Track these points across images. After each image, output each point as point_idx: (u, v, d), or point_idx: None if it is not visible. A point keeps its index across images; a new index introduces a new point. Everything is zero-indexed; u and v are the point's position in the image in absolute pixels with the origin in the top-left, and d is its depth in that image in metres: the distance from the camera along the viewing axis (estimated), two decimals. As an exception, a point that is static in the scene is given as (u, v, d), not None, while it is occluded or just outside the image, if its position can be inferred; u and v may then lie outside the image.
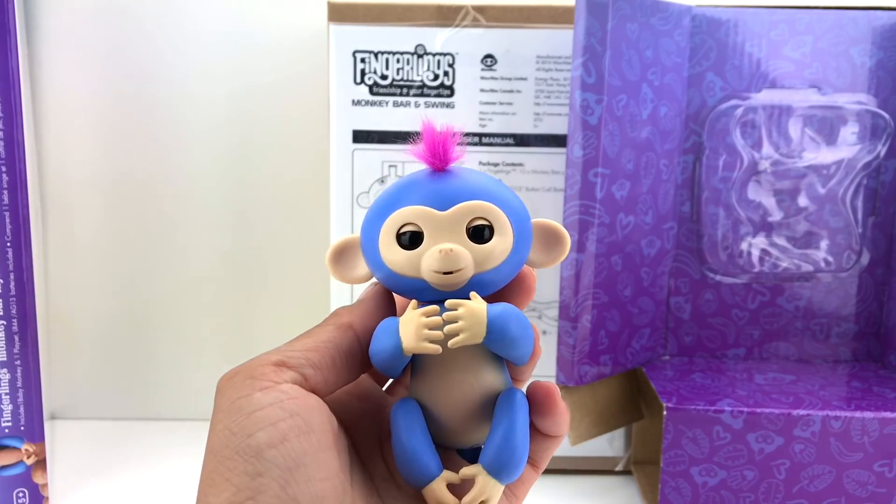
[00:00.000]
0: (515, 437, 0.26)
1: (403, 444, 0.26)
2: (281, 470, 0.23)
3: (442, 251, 0.25)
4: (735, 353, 0.57)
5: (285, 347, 0.26)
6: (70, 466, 0.59)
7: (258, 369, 0.25)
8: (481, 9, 0.53)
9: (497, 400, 0.26)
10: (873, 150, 0.54)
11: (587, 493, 0.57)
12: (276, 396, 0.24)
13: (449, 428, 0.27)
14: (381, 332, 0.26)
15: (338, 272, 0.28)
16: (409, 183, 0.27)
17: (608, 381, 0.54)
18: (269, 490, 0.23)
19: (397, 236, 0.26)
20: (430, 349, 0.25)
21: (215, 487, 0.23)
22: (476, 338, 0.25)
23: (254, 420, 0.24)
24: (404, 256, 0.26)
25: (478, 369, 0.26)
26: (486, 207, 0.26)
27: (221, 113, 0.63)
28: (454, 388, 0.26)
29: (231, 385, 0.25)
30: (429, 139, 0.27)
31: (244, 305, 0.66)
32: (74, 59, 0.62)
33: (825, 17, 0.53)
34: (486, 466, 0.26)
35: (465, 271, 0.25)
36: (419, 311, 0.25)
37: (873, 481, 0.48)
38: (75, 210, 0.64)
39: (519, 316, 0.26)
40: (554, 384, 0.27)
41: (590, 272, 0.50)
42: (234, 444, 0.23)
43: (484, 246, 0.25)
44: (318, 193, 0.60)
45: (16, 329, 0.49)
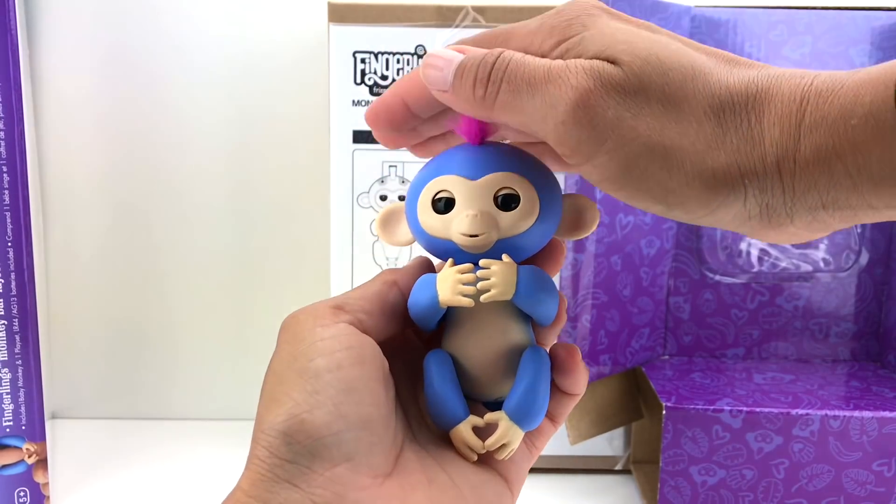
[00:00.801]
0: (538, 389, 0.28)
1: (435, 390, 0.28)
2: (335, 391, 0.26)
3: (468, 215, 0.27)
4: (734, 353, 0.57)
5: (341, 296, 0.29)
6: (71, 466, 0.59)
7: (320, 310, 0.28)
8: (481, 9, 0.53)
9: (522, 356, 0.29)
10: (872, 151, 0.54)
11: (587, 492, 0.57)
12: (334, 332, 0.27)
13: (476, 379, 0.29)
14: (420, 286, 0.29)
15: (385, 235, 0.31)
16: (449, 155, 0.29)
17: (608, 381, 0.54)
18: (324, 406, 0.26)
19: (433, 202, 0.28)
20: (464, 302, 0.27)
21: (276, 402, 0.26)
22: (506, 294, 0.27)
23: (315, 348, 0.27)
24: (438, 220, 0.28)
25: (505, 326, 0.29)
26: (513, 178, 0.28)
27: (222, 112, 0.63)
28: (483, 342, 0.29)
29: (296, 321, 0.28)
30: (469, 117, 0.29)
31: (244, 305, 0.66)
32: (75, 59, 0.62)
33: (824, 17, 0.53)
34: (509, 413, 0.28)
35: (490, 235, 0.27)
36: (455, 269, 0.28)
37: (872, 480, 0.48)
38: (76, 210, 0.64)
39: (545, 277, 0.28)
40: (575, 346, 0.30)
41: (589, 272, 0.50)
42: (296, 366, 0.26)
43: (510, 213, 0.28)
44: (319, 193, 0.60)
45: (17, 329, 0.49)
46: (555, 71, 0.25)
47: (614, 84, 0.25)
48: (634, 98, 0.25)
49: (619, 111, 0.24)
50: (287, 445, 0.25)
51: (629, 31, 0.26)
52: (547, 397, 0.29)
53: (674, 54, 0.25)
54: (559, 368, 0.29)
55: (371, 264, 0.56)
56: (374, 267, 0.56)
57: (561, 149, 0.26)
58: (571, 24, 0.26)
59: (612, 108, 0.24)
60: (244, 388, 0.67)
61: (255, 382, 0.73)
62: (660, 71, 0.25)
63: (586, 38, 0.26)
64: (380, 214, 0.31)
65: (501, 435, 0.28)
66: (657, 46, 0.25)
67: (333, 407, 0.26)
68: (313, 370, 0.26)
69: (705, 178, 0.24)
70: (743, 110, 0.24)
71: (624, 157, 0.25)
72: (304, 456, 0.25)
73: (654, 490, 0.54)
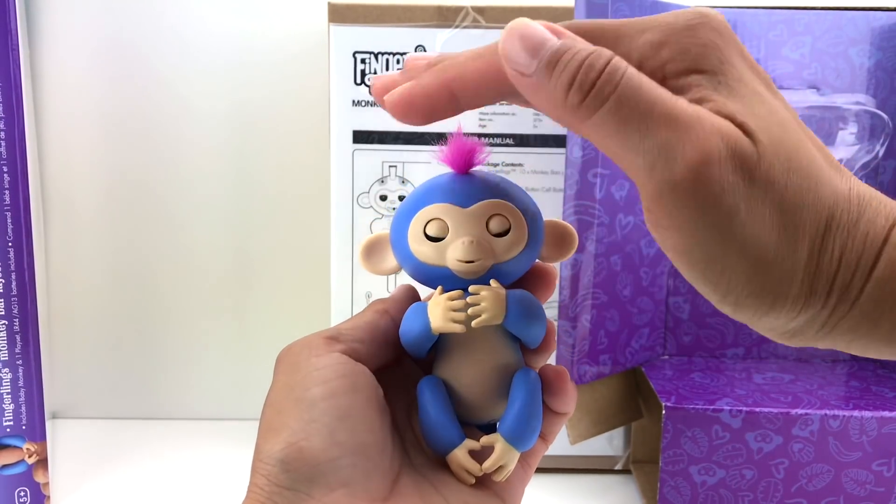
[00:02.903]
0: (531, 410, 0.29)
1: (429, 416, 0.29)
2: (330, 418, 0.26)
3: (464, 242, 0.28)
4: (734, 353, 0.57)
5: (335, 328, 0.29)
6: (71, 465, 0.59)
7: (314, 341, 0.28)
8: (481, 10, 0.53)
9: (513, 378, 0.29)
10: (872, 151, 0.54)
11: (587, 492, 0.57)
12: (328, 361, 0.27)
13: (469, 403, 0.30)
14: (411, 314, 0.29)
15: (368, 265, 0.31)
16: (436, 184, 0.30)
17: (607, 381, 0.54)
18: (320, 434, 0.26)
19: (425, 230, 0.29)
20: (456, 328, 0.28)
21: (273, 431, 0.26)
22: (496, 319, 0.28)
23: (310, 378, 0.27)
24: (431, 248, 0.29)
25: (495, 350, 0.29)
26: (503, 205, 0.29)
27: (222, 112, 0.63)
28: (475, 366, 0.29)
29: (291, 353, 0.28)
30: (455, 146, 0.29)
31: (245, 305, 0.66)
32: (75, 59, 0.62)
33: (824, 17, 0.53)
34: (505, 435, 0.29)
35: (485, 261, 0.28)
36: (445, 295, 0.28)
37: (872, 480, 0.48)
38: (76, 209, 0.64)
39: (534, 301, 0.29)
40: (563, 368, 0.30)
41: (589, 272, 0.50)
42: (292, 396, 0.27)
43: (502, 239, 0.28)
44: (319, 193, 0.60)
45: (17, 328, 0.49)
46: (683, 117, 0.21)
47: (745, 166, 0.21)
48: (755, 189, 0.21)
49: (737, 200, 0.21)
50: (285, 473, 0.26)
51: (763, 96, 0.23)
52: (540, 418, 0.29)
53: (800, 147, 0.23)
54: (549, 389, 0.30)
55: (371, 264, 0.56)
56: (374, 267, 0.56)
57: (653, 206, 0.22)
58: (707, 53, 0.23)
59: (731, 194, 0.21)
60: (244, 387, 0.67)
61: (255, 382, 0.74)
62: (786, 167, 0.22)
63: (723, 86, 0.23)
64: (362, 244, 0.31)
65: (498, 457, 0.29)
66: (788, 132, 0.23)
67: (329, 434, 0.26)
68: (309, 399, 0.26)
69: (774, 299, 0.23)
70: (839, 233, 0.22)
71: (715, 248, 0.22)
72: (302, 483, 0.25)
73: (654, 490, 0.54)
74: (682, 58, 0.23)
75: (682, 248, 0.23)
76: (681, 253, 0.23)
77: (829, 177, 0.23)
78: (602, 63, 0.22)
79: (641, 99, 0.22)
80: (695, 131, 0.21)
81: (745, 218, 0.21)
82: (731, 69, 0.23)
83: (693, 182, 0.21)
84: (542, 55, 0.23)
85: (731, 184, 0.21)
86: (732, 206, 0.21)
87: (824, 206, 0.22)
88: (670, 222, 0.22)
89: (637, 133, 0.22)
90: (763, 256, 0.22)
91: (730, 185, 0.21)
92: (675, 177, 0.21)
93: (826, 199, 0.22)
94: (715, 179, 0.21)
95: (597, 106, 0.22)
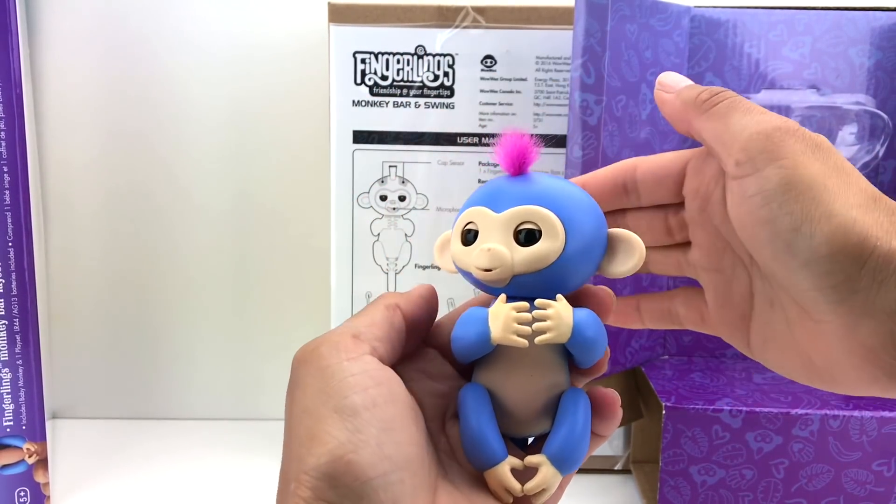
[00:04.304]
0: (581, 433, 0.28)
1: (472, 427, 0.27)
2: (377, 430, 0.25)
3: (483, 249, 0.27)
4: (734, 353, 0.57)
5: (352, 324, 0.28)
6: (71, 465, 0.59)
7: (342, 341, 0.27)
8: (481, 10, 0.53)
9: (562, 397, 0.28)
10: (872, 151, 0.54)
11: (586, 492, 0.57)
12: (362, 366, 0.26)
13: (512, 416, 0.28)
14: (469, 320, 0.28)
15: (440, 260, 0.31)
16: (489, 185, 0.29)
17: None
18: (368, 447, 0.25)
19: (462, 233, 0.28)
20: (518, 342, 0.26)
21: (317, 441, 0.25)
22: (562, 338, 0.27)
23: (347, 384, 0.25)
24: (462, 251, 0.28)
25: (547, 366, 0.28)
26: (535, 212, 0.27)
27: (222, 113, 0.63)
28: (525, 381, 0.28)
29: (318, 354, 0.27)
30: (507, 145, 0.29)
31: (245, 305, 0.66)
32: (75, 60, 0.62)
33: (824, 17, 0.53)
34: (551, 457, 0.27)
35: (503, 271, 0.27)
36: (510, 306, 0.27)
37: (871, 480, 0.48)
38: (76, 210, 0.64)
39: (599, 323, 0.28)
40: (615, 392, 0.30)
41: (589, 272, 0.50)
42: (331, 404, 0.25)
43: (527, 249, 0.27)
44: (319, 193, 0.60)
45: (17, 328, 0.49)
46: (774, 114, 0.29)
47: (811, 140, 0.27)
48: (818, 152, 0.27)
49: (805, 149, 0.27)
50: (333, 489, 0.24)
51: None
52: (588, 442, 0.28)
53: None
54: (599, 413, 0.29)
55: (371, 264, 0.56)
56: (373, 266, 0.56)
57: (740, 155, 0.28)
58: None
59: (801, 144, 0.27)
60: (245, 388, 0.67)
61: (255, 382, 0.74)
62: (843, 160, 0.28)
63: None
64: (438, 241, 0.31)
65: (542, 480, 0.27)
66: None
67: (377, 447, 0.25)
68: (351, 408, 0.25)
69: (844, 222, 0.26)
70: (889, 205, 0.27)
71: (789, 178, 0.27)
72: (350, 499, 0.24)
73: (654, 490, 0.54)
74: None
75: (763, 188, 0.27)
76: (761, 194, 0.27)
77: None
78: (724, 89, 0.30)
79: (748, 103, 0.30)
80: (778, 117, 0.28)
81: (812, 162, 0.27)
82: None
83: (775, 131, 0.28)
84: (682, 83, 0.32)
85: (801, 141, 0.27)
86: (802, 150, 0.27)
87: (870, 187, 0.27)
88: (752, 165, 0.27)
89: (740, 114, 0.29)
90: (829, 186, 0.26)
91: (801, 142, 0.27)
92: (762, 128, 0.28)
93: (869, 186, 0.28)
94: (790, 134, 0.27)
95: (719, 101, 0.30)
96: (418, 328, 0.30)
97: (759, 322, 0.31)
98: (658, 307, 0.35)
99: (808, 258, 0.26)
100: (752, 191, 0.27)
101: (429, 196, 0.56)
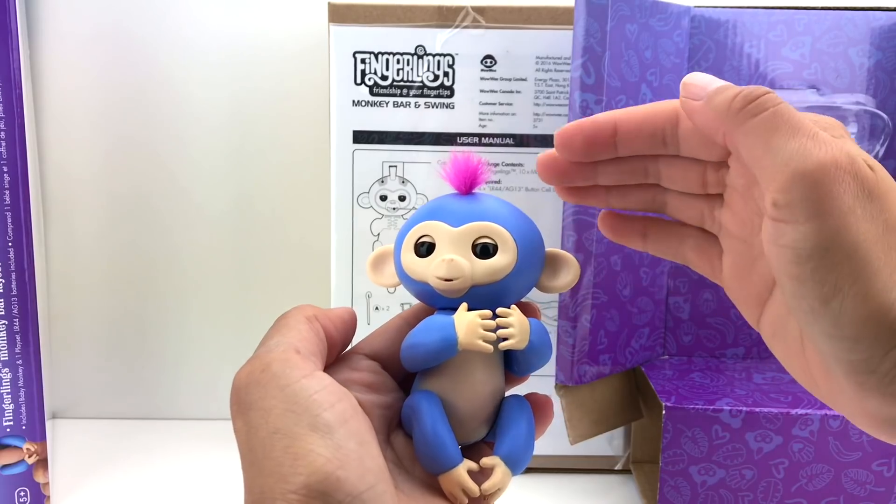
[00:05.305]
0: (529, 435, 0.30)
1: (428, 432, 0.28)
2: (354, 444, 0.25)
3: (444, 260, 0.29)
4: (734, 353, 0.57)
5: (284, 339, 0.28)
6: (71, 465, 0.59)
7: (290, 358, 0.27)
8: (481, 10, 0.53)
9: (504, 402, 0.30)
10: (872, 151, 0.54)
11: (587, 492, 0.57)
12: (320, 383, 0.26)
13: (461, 423, 0.30)
14: (432, 326, 0.29)
15: (374, 275, 0.32)
16: (438, 203, 0.31)
17: (607, 381, 0.54)
18: (351, 462, 0.25)
19: (416, 245, 0.30)
20: (486, 348, 0.28)
21: (303, 459, 0.24)
22: (522, 344, 0.29)
23: (315, 402, 0.25)
24: (418, 263, 0.30)
25: (496, 372, 0.30)
26: (491, 228, 0.29)
27: (222, 113, 0.63)
28: (478, 387, 0.29)
29: (272, 374, 0.26)
30: (458, 166, 0.31)
31: (245, 305, 0.66)
32: (75, 60, 0.62)
33: (824, 17, 0.53)
34: (504, 458, 0.29)
35: (463, 281, 0.29)
36: (475, 314, 0.28)
37: (871, 480, 0.48)
38: (76, 210, 0.64)
39: (548, 334, 0.30)
40: (548, 396, 0.31)
41: (589, 272, 0.50)
42: (305, 421, 0.25)
43: (486, 261, 0.29)
44: (319, 193, 0.60)
45: (17, 328, 0.49)
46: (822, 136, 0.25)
47: (865, 182, 0.24)
48: (871, 204, 0.24)
49: (855, 204, 0.24)
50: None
51: None
52: (534, 443, 0.30)
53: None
54: (539, 415, 0.31)
55: (371, 264, 0.56)
56: (374, 267, 0.56)
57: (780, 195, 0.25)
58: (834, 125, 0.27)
59: (851, 196, 0.24)
60: (244, 387, 0.67)
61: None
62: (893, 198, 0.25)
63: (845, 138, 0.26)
64: (371, 256, 0.32)
65: (499, 480, 0.29)
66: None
67: (359, 461, 0.25)
68: (326, 425, 0.25)
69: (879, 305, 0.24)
70: None
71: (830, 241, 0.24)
72: None
73: (654, 490, 0.54)
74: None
75: (798, 242, 0.24)
76: (795, 249, 0.24)
77: None
78: (764, 89, 0.26)
79: (793, 117, 0.25)
80: (829, 146, 0.25)
81: (861, 222, 0.24)
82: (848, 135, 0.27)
83: (822, 174, 0.24)
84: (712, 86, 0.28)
85: (852, 189, 0.24)
86: (850, 206, 0.24)
87: None
88: (791, 213, 0.24)
89: (784, 137, 0.25)
90: (873, 259, 0.24)
91: (851, 190, 0.24)
92: (808, 167, 0.24)
93: None
94: (840, 179, 0.24)
95: (756, 112, 0.26)
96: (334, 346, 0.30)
97: (772, 314, 0.29)
98: (666, 242, 0.33)
99: (831, 332, 0.24)
100: (786, 241, 0.25)
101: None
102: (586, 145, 0.30)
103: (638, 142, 0.30)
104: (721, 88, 0.27)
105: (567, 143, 0.30)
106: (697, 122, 0.28)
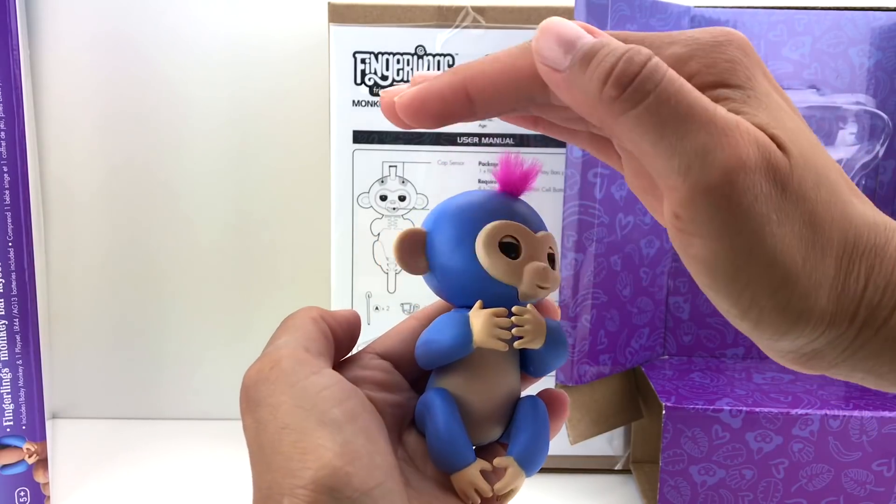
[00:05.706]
0: (545, 436, 0.29)
1: (441, 430, 0.28)
2: (364, 441, 0.25)
3: (544, 268, 0.28)
4: (734, 353, 0.57)
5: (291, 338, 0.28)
6: (71, 465, 0.59)
7: (299, 356, 0.26)
8: (481, 10, 0.53)
9: (518, 402, 0.30)
10: (872, 151, 0.54)
11: (587, 492, 0.57)
12: (329, 380, 0.26)
13: (474, 422, 0.29)
14: (447, 323, 0.28)
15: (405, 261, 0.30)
16: (496, 200, 0.29)
17: (607, 381, 0.54)
18: (361, 458, 0.24)
19: (500, 244, 0.28)
20: (500, 346, 0.27)
21: (311, 454, 0.24)
22: (538, 343, 0.28)
23: (324, 398, 0.25)
24: (506, 263, 0.28)
25: (512, 372, 0.29)
26: (554, 240, 0.30)
27: (222, 113, 0.63)
28: (494, 387, 0.29)
29: (281, 371, 0.26)
30: (514, 168, 0.29)
31: (245, 305, 0.66)
32: (76, 59, 0.62)
33: (824, 17, 0.53)
34: (518, 459, 0.28)
35: (551, 289, 0.28)
36: (491, 311, 0.28)
37: (871, 480, 0.48)
38: (76, 210, 0.64)
39: (565, 333, 0.30)
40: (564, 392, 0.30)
41: (589, 272, 0.50)
42: (314, 417, 0.25)
43: (555, 271, 0.29)
44: (319, 193, 0.60)
45: (17, 328, 0.49)
46: (721, 123, 0.21)
47: (778, 177, 0.21)
48: (786, 201, 0.21)
49: (769, 210, 0.21)
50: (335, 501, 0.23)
51: (790, 113, 0.23)
52: (549, 444, 0.29)
53: (829, 164, 0.23)
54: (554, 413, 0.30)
55: (371, 264, 0.56)
56: (373, 266, 0.56)
57: (683, 210, 0.22)
58: (734, 68, 0.23)
59: (764, 203, 0.21)
60: (244, 387, 0.67)
61: (255, 382, 0.72)
62: (816, 182, 0.22)
63: (752, 99, 0.22)
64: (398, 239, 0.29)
65: (510, 480, 0.28)
66: (816, 148, 0.23)
67: (368, 458, 0.24)
68: (336, 420, 0.25)
69: (799, 314, 0.22)
70: (866, 254, 0.22)
71: (742, 257, 0.21)
72: None
73: (654, 490, 0.54)
74: (710, 72, 0.23)
75: (708, 258, 0.22)
76: (705, 263, 0.22)
77: (855, 199, 0.23)
78: (642, 59, 0.21)
79: (682, 100, 0.21)
80: (732, 137, 0.21)
81: (776, 229, 0.21)
82: (759, 85, 0.23)
83: (728, 186, 0.21)
84: (577, 50, 0.22)
85: (764, 193, 0.21)
86: (764, 214, 0.21)
87: (852, 225, 0.22)
88: (698, 229, 0.22)
89: (675, 134, 0.21)
90: (791, 268, 0.21)
91: (763, 194, 0.21)
92: (710, 180, 0.21)
93: (854, 219, 0.22)
94: (749, 186, 0.21)
95: (636, 101, 0.21)
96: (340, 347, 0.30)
97: None
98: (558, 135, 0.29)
99: (751, 332, 0.23)
100: (695, 252, 0.22)
101: (429, 196, 0.56)
102: (436, 117, 0.26)
103: (499, 106, 0.26)
104: (584, 58, 0.22)
105: (413, 116, 0.26)
106: (564, 98, 0.23)
